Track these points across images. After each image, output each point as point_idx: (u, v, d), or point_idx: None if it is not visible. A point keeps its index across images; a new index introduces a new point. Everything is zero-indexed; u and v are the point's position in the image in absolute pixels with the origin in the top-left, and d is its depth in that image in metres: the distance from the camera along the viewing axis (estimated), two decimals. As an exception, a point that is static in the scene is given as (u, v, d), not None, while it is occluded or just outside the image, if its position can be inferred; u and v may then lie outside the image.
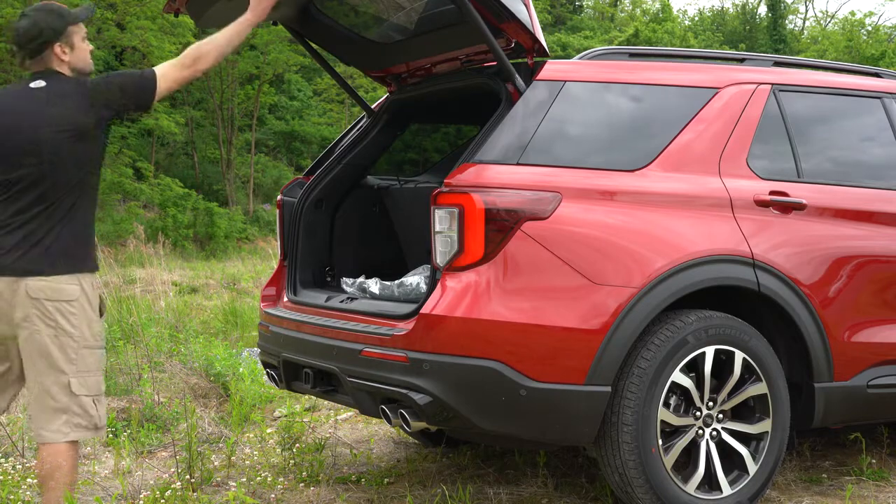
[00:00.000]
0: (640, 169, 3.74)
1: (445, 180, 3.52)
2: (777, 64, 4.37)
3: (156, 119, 26.68)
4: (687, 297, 3.65)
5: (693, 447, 3.73)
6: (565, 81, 3.75)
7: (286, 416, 5.43)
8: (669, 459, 3.63)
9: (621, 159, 3.75)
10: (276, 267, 4.72)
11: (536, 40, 3.66)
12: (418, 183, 4.88)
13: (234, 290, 12.30)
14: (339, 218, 4.67)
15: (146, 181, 25.85)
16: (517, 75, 3.69)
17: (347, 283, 4.37)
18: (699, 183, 3.81)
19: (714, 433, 3.77)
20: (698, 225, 3.74)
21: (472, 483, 4.32)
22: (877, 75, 4.64)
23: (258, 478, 4.42)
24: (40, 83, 3.35)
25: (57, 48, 3.36)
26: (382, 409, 3.62)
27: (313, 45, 4.55)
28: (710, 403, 3.76)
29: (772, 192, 3.94)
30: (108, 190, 24.69)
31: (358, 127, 4.76)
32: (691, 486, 3.68)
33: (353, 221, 4.72)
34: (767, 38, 48.08)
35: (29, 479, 4.33)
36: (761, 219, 3.87)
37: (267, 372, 4.47)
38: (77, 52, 3.41)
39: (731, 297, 3.89)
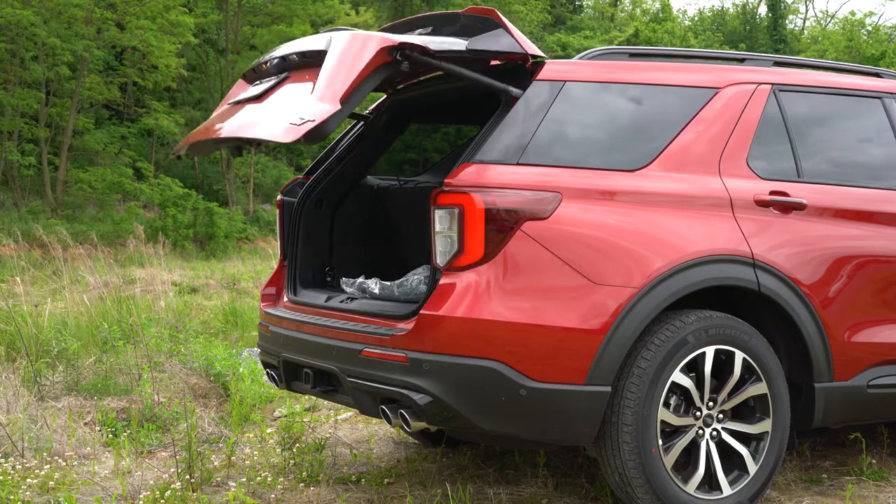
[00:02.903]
0: (640, 169, 3.74)
1: (445, 180, 3.52)
2: (777, 64, 4.37)
3: (156, 119, 26.65)
4: (687, 297, 3.65)
5: (693, 447, 3.73)
6: (565, 81, 3.75)
7: (286, 416, 5.43)
8: (669, 459, 3.63)
9: (621, 159, 3.75)
10: (276, 267, 4.72)
11: (529, 55, 3.70)
12: (418, 183, 4.88)
13: (234, 290, 12.29)
14: (339, 218, 4.67)
15: (146, 181, 25.81)
16: (512, 87, 3.69)
17: (347, 283, 4.36)
18: (699, 183, 3.81)
19: (714, 433, 3.77)
20: (698, 225, 3.74)
21: (472, 483, 4.32)
22: (877, 75, 4.64)
23: (258, 478, 4.42)
24: None
25: None
26: (382, 409, 3.62)
27: None
28: (711, 403, 3.76)
29: (772, 192, 3.94)
30: (108, 190, 24.68)
31: (358, 127, 4.76)
32: (691, 486, 3.68)
33: (353, 221, 4.72)
34: (767, 38, 48.08)
35: (29, 480, 4.33)
36: (761, 219, 3.87)
37: (267, 372, 4.47)
38: None
39: (731, 298, 3.89)
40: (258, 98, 3.93)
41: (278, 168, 32.06)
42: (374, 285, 4.21)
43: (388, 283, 4.19)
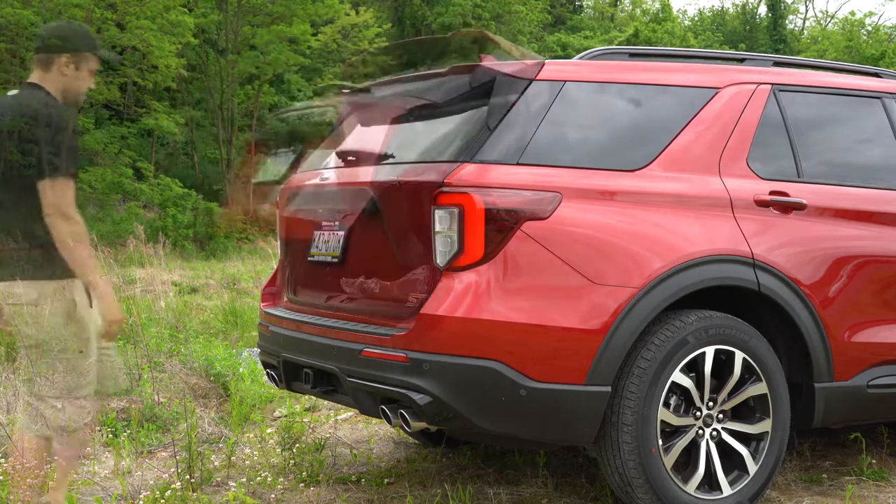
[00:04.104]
0: (640, 169, 3.74)
1: (445, 180, 3.52)
2: (777, 64, 4.37)
3: (156, 119, 26.66)
4: (687, 297, 3.65)
5: (693, 447, 3.73)
6: (565, 82, 3.75)
7: (286, 416, 5.43)
8: (669, 459, 3.63)
9: (621, 159, 3.75)
10: (276, 267, 4.72)
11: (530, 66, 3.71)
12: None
13: (234, 290, 12.29)
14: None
15: (146, 181, 25.82)
16: (512, 94, 3.68)
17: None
18: (699, 183, 3.81)
19: (714, 433, 3.77)
20: (698, 225, 3.74)
21: (472, 483, 4.32)
22: (877, 75, 4.64)
23: (258, 478, 4.42)
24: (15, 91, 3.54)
25: (64, 59, 3.54)
26: (382, 409, 3.62)
27: None
28: (711, 403, 3.76)
29: (772, 193, 3.94)
30: (108, 190, 24.68)
31: (358, 127, 4.75)
32: (691, 487, 3.68)
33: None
34: (767, 38, 48.10)
35: (29, 480, 4.33)
36: (761, 219, 3.87)
37: (267, 372, 4.46)
38: (78, 78, 3.58)
39: (731, 298, 3.89)
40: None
41: (278, 168, 32.00)
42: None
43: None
